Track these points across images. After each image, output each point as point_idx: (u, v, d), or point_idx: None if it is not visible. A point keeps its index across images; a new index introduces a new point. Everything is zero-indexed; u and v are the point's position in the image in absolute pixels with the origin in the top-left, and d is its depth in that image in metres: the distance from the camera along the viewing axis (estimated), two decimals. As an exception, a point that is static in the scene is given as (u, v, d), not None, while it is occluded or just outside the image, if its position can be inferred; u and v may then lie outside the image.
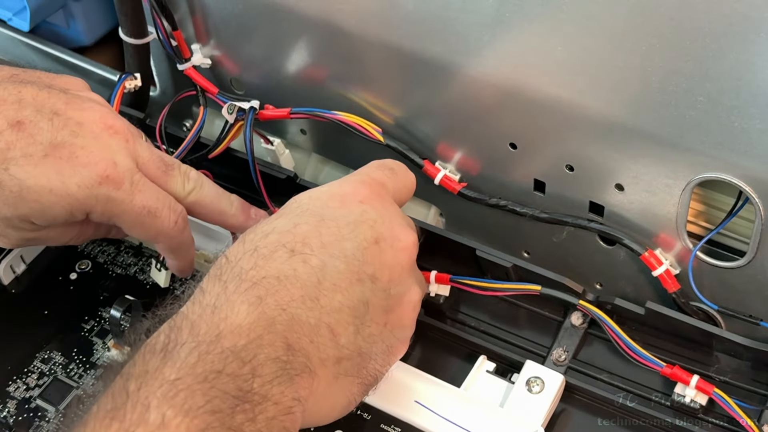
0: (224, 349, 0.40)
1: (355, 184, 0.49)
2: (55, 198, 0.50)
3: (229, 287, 0.43)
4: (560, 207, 0.58)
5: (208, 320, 0.41)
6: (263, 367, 0.41)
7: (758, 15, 0.43)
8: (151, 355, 0.40)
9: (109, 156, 0.52)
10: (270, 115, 0.63)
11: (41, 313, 0.60)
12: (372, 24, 0.57)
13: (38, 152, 0.50)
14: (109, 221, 0.53)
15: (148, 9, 0.63)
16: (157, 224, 0.53)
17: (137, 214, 0.52)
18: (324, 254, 0.45)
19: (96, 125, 0.53)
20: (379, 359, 0.47)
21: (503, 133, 0.57)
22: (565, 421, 0.53)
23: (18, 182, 0.49)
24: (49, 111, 0.52)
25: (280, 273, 0.43)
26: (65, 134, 0.51)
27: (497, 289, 0.55)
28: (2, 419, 0.54)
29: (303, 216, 0.46)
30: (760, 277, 0.53)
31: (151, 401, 0.38)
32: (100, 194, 0.51)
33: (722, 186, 0.51)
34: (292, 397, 0.41)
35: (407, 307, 0.48)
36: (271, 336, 0.42)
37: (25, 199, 0.50)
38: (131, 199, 0.52)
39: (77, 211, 0.51)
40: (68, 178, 0.50)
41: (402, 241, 0.48)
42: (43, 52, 0.75)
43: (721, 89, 0.46)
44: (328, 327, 0.44)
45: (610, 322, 0.53)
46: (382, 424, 0.52)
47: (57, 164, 0.50)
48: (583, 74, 0.51)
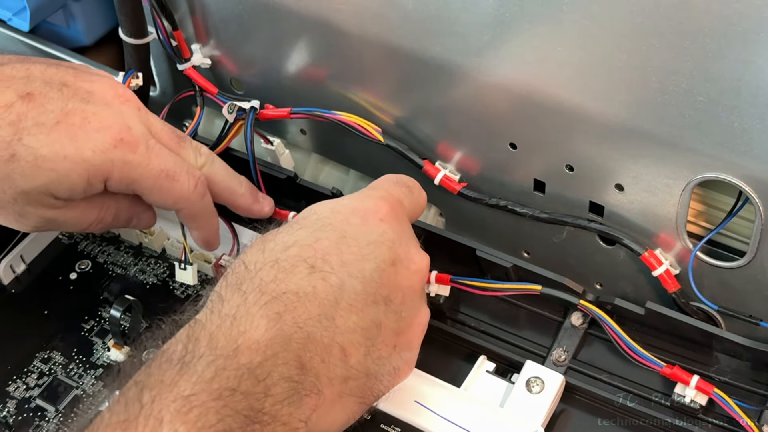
0: (240, 365, 0.40)
1: (376, 201, 0.49)
2: (70, 164, 0.49)
3: (249, 298, 0.43)
4: (560, 207, 0.58)
5: (226, 333, 0.41)
6: (276, 387, 0.41)
7: (758, 15, 0.43)
8: (168, 365, 0.40)
9: (122, 121, 0.51)
10: (270, 115, 0.63)
11: (41, 313, 0.60)
12: (371, 24, 0.57)
13: (50, 120, 0.49)
14: (128, 188, 0.51)
15: (148, 9, 0.63)
16: (176, 188, 0.52)
17: (155, 177, 0.51)
18: (343, 273, 0.45)
19: (107, 93, 0.52)
20: (384, 381, 0.47)
21: (503, 133, 0.57)
22: (565, 421, 0.53)
23: (32, 151, 0.49)
24: (58, 83, 0.51)
25: (299, 289, 0.43)
26: (76, 101, 0.51)
27: (497, 289, 0.55)
28: (2, 419, 0.54)
29: (324, 230, 0.46)
30: (760, 277, 0.53)
31: (164, 415, 0.38)
32: (116, 158, 0.50)
33: (722, 186, 0.51)
34: (299, 419, 0.42)
35: (417, 329, 0.48)
36: (286, 354, 0.42)
37: (41, 167, 0.49)
38: (148, 162, 0.51)
39: (94, 178, 0.50)
40: (82, 143, 0.49)
41: (416, 264, 0.48)
42: (43, 52, 0.75)
43: (721, 89, 0.46)
44: (341, 347, 0.44)
45: (610, 321, 0.53)
46: (382, 424, 0.52)
47: (70, 130, 0.49)
48: (583, 74, 0.51)
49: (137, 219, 0.56)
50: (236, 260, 0.46)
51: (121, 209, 0.54)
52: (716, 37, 0.45)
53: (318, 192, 0.62)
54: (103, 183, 0.51)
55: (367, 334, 0.45)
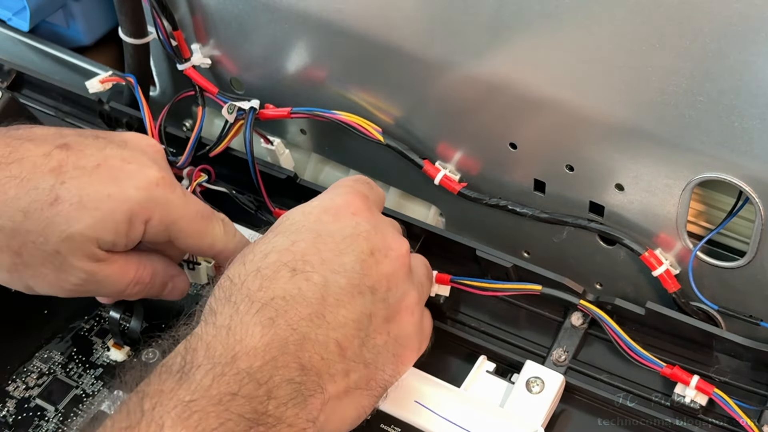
0: (240, 370, 0.40)
1: (344, 197, 0.50)
2: (114, 203, 0.49)
3: (240, 309, 0.43)
4: (560, 207, 0.58)
5: (223, 341, 0.42)
6: (278, 389, 0.41)
7: (758, 15, 0.43)
8: (168, 375, 0.40)
9: (158, 166, 0.52)
10: (270, 115, 0.63)
11: (41, 313, 0.60)
12: (372, 24, 0.57)
13: (90, 164, 0.50)
14: (166, 230, 0.51)
15: (148, 9, 0.63)
16: (210, 229, 0.53)
17: (192, 219, 0.52)
18: (325, 270, 0.45)
19: (140, 143, 0.54)
20: (386, 369, 0.47)
21: (503, 133, 0.57)
22: (565, 422, 0.53)
23: (76, 192, 0.48)
24: (91, 135, 0.52)
25: (286, 293, 0.44)
26: (113, 147, 0.51)
27: (497, 289, 0.55)
28: (2, 419, 0.54)
29: (299, 233, 0.47)
30: (760, 277, 0.53)
31: (165, 421, 0.38)
32: (158, 196, 0.50)
33: (722, 186, 0.51)
34: (306, 419, 0.42)
35: (406, 313, 0.48)
36: (285, 357, 0.42)
37: (86, 207, 0.48)
38: (186, 203, 0.52)
39: (137, 217, 0.50)
40: (125, 183, 0.50)
41: (395, 250, 0.48)
42: (43, 52, 0.75)
43: (721, 89, 0.46)
44: (336, 342, 0.44)
45: (610, 322, 0.53)
46: (382, 424, 0.52)
47: (111, 172, 0.50)
48: (583, 74, 0.51)
49: (172, 284, 0.55)
50: (222, 277, 0.46)
51: (157, 270, 0.54)
52: (716, 37, 0.45)
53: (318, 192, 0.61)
54: (144, 224, 0.50)
55: (359, 325, 0.45)
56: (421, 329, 0.50)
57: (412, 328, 0.49)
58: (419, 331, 0.50)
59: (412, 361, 0.50)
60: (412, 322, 0.49)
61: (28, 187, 0.48)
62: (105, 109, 0.67)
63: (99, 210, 0.49)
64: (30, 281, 0.51)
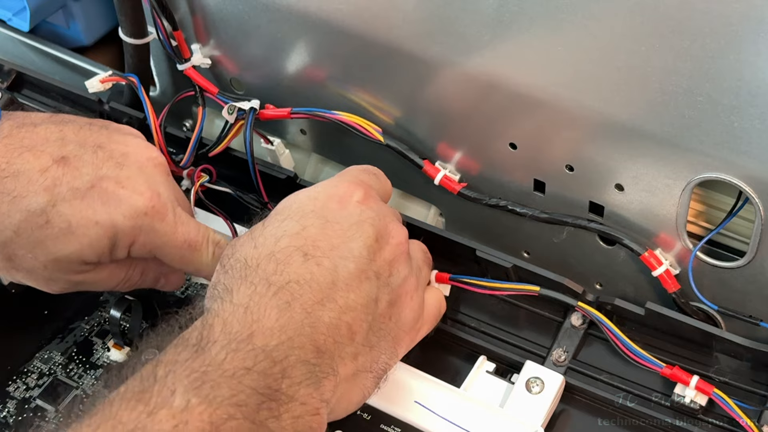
0: (255, 347, 0.41)
1: (348, 185, 0.50)
2: (101, 230, 0.50)
3: (258, 289, 0.44)
4: (560, 207, 0.58)
5: (240, 319, 0.43)
6: (293, 369, 0.42)
7: (758, 15, 0.43)
8: (184, 347, 0.41)
9: (154, 187, 0.52)
10: (270, 115, 0.63)
11: (41, 313, 0.60)
12: (371, 24, 0.57)
13: (84, 185, 0.50)
14: (150, 253, 0.53)
15: (148, 9, 0.63)
16: (197, 258, 0.53)
17: (179, 247, 0.53)
18: (334, 256, 0.46)
19: (140, 156, 0.54)
20: (387, 352, 0.48)
21: (503, 133, 0.57)
22: (565, 422, 0.53)
23: (66, 218, 0.50)
24: (92, 145, 0.53)
25: (299, 277, 0.45)
26: (110, 166, 0.52)
27: (497, 288, 0.55)
28: (2, 419, 0.54)
29: (308, 218, 0.48)
30: (760, 277, 0.53)
31: (177, 387, 0.39)
32: (144, 224, 0.51)
33: (722, 186, 0.51)
34: (319, 399, 0.43)
35: (406, 297, 0.49)
36: (301, 338, 0.43)
37: (74, 234, 0.50)
38: (174, 231, 0.52)
39: (121, 243, 0.51)
40: (114, 209, 0.50)
41: (396, 237, 0.50)
42: (43, 52, 0.75)
43: (721, 89, 0.46)
44: (347, 325, 0.45)
45: (608, 323, 0.53)
46: (382, 424, 0.52)
47: (103, 196, 0.51)
48: (584, 74, 0.51)
49: (165, 279, 0.57)
50: (231, 257, 0.46)
51: (148, 269, 0.55)
52: (716, 37, 0.45)
53: (318, 192, 0.61)
54: (128, 248, 0.52)
55: (367, 309, 0.46)
56: (419, 314, 0.51)
57: (411, 313, 0.50)
58: (418, 315, 0.51)
59: (408, 345, 0.51)
60: (411, 306, 0.50)
61: (21, 206, 0.49)
62: (105, 109, 0.67)
63: (86, 236, 0.50)
64: (21, 280, 0.53)
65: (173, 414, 0.38)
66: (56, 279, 0.52)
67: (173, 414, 0.38)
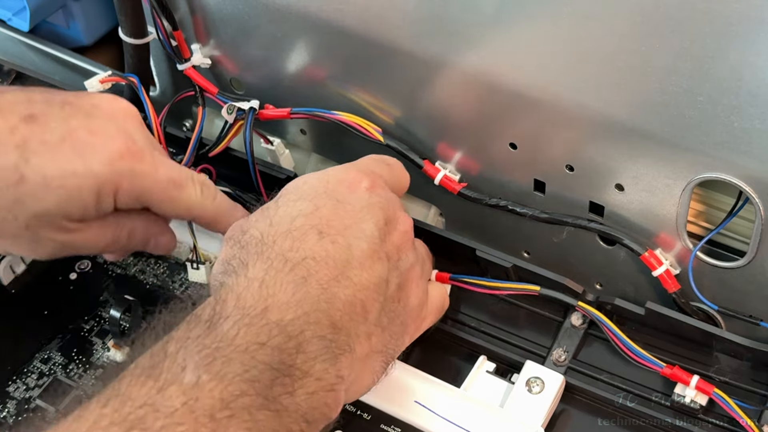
0: (269, 321, 0.41)
1: (357, 173, 0.51)
2: (79, 180, 0.49)
3: (274, 264, 0.44)
4: (560, 207, 0.58)
5: (254, 293, 0.42)
6: (309, 344, 0.42)
7: (758, 15, 0.43)
8: (196, 324, 0.41)
9: (128, 133, 0.51)
10: (270, 115, 0.63)
11: (41, 313, 0.60)
12: (372, 24, 0.57)
13: (54, 138, 0.49)
14: (137, 200, 0.51)
15: (148, 9, 0.63)
16: (185, 195, 0.53)
17: (164, 188, 0.52)
18: (348, 235, 0.47)
19: (110, 107, 0.53)
20: (396, 336, 0.48)
21: (503, 133, 0.57)
22: (565, 422, 0.53)
23: (40, 171, 0.49)
24: (59, 101, 0.52)
25: (315, 254, 0.45)
26: (80, 117, 0.51)
27: (497, 288, 0.55)
28: (2, 419, 0.54)
29: (320, 198, 0.48)
30: (760, 277, 0.53)
31: (188, 363, 0.39)
32: (123, 169, 0.50)
33: (722, 186, 0.51)
34: (335, 375, 0.43)
35: (413, 283, 0.50)
36: (317, 314, 0.43)
37: (50, 186, 0.49)
38: (155, 171, 0.51)
39: (104, 192, 0.50)
40: (90, 157, 0.49)
41: (403, 224, 0.50)
42: (42, 52, 0.75)
43: (721, 89, 0.46)
44: (362, 303, 0.45)
45: (608, 323, 0.53)
46: (382, 424, 0.52)
47: (75, 146, 0.49)
48: (584, 74, 0.51)
49: (155, 241, 0.56)
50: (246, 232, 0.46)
51: (136, 228, 0.54)
52: (716, 37, 0.45)
53: (318, 192, 0.61)
54: (113, 197, 0.51)
55: (378, 289, 0.46)
56: (424, 302, 0.51)
57: (416, 299, 0.50)
58: (422, 303, 0.51)
59: (416, 332, 0.51)
60: (417, 294, 0.50)
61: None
62: (105, 109, 0.67)
63: (64, 188, 0.49)
64: (8, 248, 0.52)
65: (183, 390, 0.38)
66: (41, 240, 0.50)
67: (183, 390, 0.38)
